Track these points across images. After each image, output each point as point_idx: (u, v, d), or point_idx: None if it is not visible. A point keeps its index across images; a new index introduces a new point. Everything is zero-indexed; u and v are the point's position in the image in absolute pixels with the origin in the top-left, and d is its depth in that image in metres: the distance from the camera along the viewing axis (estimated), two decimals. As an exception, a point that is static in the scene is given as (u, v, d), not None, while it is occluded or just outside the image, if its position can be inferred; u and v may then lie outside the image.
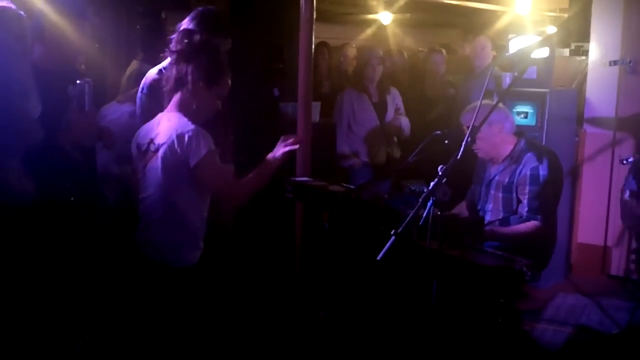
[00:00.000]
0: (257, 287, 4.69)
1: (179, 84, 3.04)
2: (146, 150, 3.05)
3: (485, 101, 3.67)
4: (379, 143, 5.91)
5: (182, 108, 3.04)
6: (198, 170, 2.95)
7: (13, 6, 3.06)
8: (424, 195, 2.54)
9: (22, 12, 3.07)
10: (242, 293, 4.44)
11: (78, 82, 3.28)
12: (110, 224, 3.84)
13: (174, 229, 3.04)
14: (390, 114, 5.94)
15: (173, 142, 2.93)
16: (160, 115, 3.12)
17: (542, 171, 3.91)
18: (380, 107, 5.92)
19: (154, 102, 3.40)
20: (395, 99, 6.00)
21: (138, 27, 5.46)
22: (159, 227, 3.06)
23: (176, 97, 3.06)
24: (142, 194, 3.10)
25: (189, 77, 3.00)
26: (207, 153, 2.95)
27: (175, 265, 3.06)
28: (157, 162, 2.99)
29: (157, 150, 2.99)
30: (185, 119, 2.99)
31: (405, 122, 5.96)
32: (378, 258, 2.43)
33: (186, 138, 2.92)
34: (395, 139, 5.97)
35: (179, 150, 2.93)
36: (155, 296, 3.06)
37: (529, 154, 3.98)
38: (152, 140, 3.04)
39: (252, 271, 4.74)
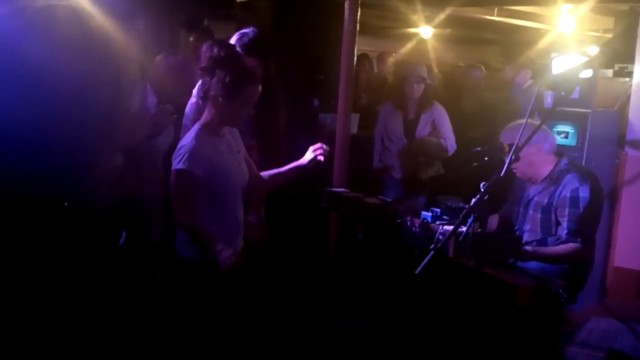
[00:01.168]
0: (289, 295, 4.70)
1: (204, 97, 3.22)
2: None
3: (524, 120, 3.63)
4: (407, 160, 5.88)
5: (205, 121, 3.24)
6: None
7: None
8: (464, 211, 2.54)
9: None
10: (274, 301, 4.45)
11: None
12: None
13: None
14: (421, 132, 5.84)
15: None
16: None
17: (583, 193, 3.86)
18: (412, 124, 5.86)
19: None
20: (433, 118, 5.88)
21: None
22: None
23: (204, 110, 3.26)
24: None
25: (211, 92, 3.17)
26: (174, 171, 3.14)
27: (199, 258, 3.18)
28: None
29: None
30: (190, 135, 3.20)
31: (434, 142, 5.84)
32: (416, 272, 2.43)
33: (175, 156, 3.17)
34: (422, 159, 5.86)
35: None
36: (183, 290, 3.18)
37: (569, 175, 3.93)
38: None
39: (285, 279, 4.75)
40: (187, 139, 3.17)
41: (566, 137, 5.25)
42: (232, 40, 3.91)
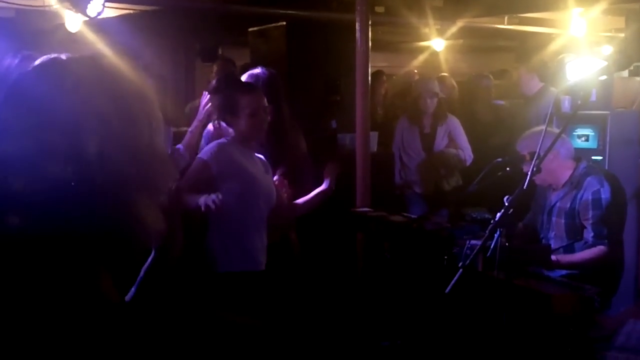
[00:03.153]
0: (319, 316, 4.70)
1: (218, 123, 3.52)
2: None
3: (542, 128, 3.61)
4: (427, 174, 5.90)
5: (235, 136, 3.43)
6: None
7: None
8: (490, 226, 2.55)
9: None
10: (303, 322, 4.46)
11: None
12: None
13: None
14: (439, 145, 5.90)
15: None
16: None
17: (604, 194, 3.84)
18: (430, 138, 5.92)
19: None
20: (449, 130, 5.94)
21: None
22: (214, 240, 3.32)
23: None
24: None
25: (217, 115, 3.50)
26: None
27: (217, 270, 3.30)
28: None
29: None
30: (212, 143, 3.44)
31: (453, 152, 5.89)
32: (446, 291, 2.43)
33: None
34: (444, 171, 5.91)
35: None
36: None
37: (589, 179, 3.92)
38: None
39: (314, 301, 4.76)
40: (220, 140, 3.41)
41: (587, 140, 5.23)
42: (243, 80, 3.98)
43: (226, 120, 3.39)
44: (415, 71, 8.73)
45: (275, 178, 3.58)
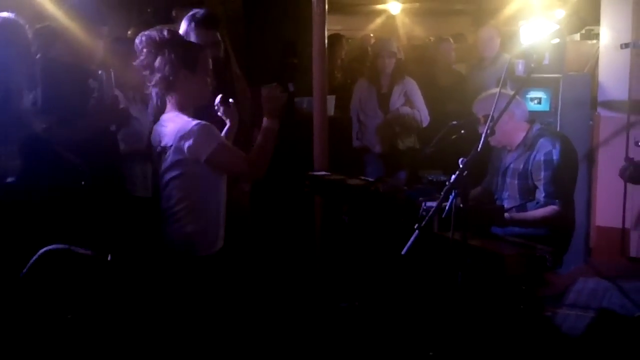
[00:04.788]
0: (276, 279, 4.74)
1: (166, 84, 3.10)
2: (159, 152, 3.16)
3: (496, 90, 3.66)
4: (383, 134, 5.94)
5: (178, 105, 3.14)
6: (211, 162, 3.06)
7: (12, 16, 3.21)
8: (446, 188, 2.59)
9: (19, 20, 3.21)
10: (261, 286, 4.49)
11: (99, 72, 3.57)
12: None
13: (194, 221, 3.14)
14: (394, 104, 5.91)
15: (179, 143, 3.04)
16: (163, 116, 3.21)
17: (556, 155, 3.93)
18: (386, 98, 5.95)
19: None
20: (406, 90, 5.95)
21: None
22: (180, 220, 3.15)
23: (170, 97, 3.15)
24: (162, 192, 3.19)
25: (170, 76, 3.06)
26: (216, 145, 3.04)
27: (197, 254, 3.16)
28: (168, 162, 3.10)
29: (166, 152, 3.09)
30: (185, 118, 3.07)
31: (408, 111, 5.89)
32: (403, 253, 2.47)
33: (190, 138, 3.01)
34: (398, 129, 5.95)
35: (186, 151, 3.03)
36: (176, 285, 3.15)
37: (541, 140, 4.00)
38: (160, 142, 3.15)
39: (272, 264, 4.79)
40: (187, 125, 3.03)
41: (539, 103, 5.32)
42: (185, 21, 3.90)
43: (178, 78, 3.07)
44: (372, 35, 8.71)
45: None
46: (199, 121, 3.05)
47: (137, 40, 3.13)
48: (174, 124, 3.10)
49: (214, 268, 3.20)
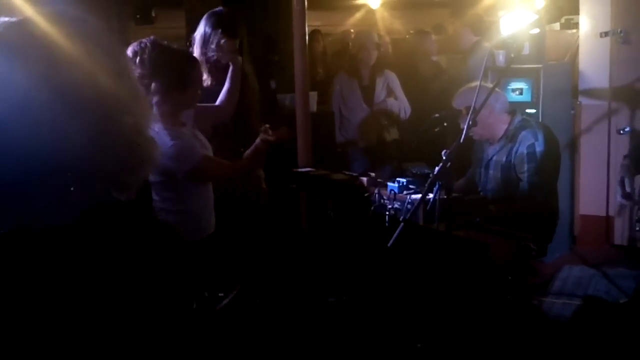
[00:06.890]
0: (264, 276, 4.73)
1: (155, 103, 3.09)
2: None
3: (476, 83, 3.66)
4: (369, 126, 5.94)
5: (164, 116, 3.12)
6: (192, 177, 3.12)
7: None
8: (429, 180, 2.60)
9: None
10: (249, 280, 4.48)
11: None
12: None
13: (179, 213, 3.19)
14: (379, 96, 5.92)
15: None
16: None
17: (539, 147, 3.95)
18: (369, 90, 5.94)
19: None
20: (388, 82, 5.97)
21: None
22: (164, 210, 3.19)
23: (157, 107, 3.12)
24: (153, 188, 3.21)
25: (159, 93, 3.06)
26: (197, 161, 3.09)
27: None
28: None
29: None
30: (164, 137, 3.02)
31: (394, 103, 5.92)
32: (389, 245, 2.48)
33: (168, 156, 3.01)
34: (385, 121, 5.96)
35: (164, 169, 3.05)
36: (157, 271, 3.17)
37: (523, 132, 4.02)
38: None
39: (259, 260, 4.78)
40: (165, 145, 2.99)
41: (521, 94, 5.33)
42: (207, 25, 3.90)
43: (167, 97, 3.08)
44: (352, 30, 8.69)
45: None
46: (175, 142, 3.04)
47: (134, 46, 3.09)
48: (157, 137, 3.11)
49: (201, 254, 3.23)
